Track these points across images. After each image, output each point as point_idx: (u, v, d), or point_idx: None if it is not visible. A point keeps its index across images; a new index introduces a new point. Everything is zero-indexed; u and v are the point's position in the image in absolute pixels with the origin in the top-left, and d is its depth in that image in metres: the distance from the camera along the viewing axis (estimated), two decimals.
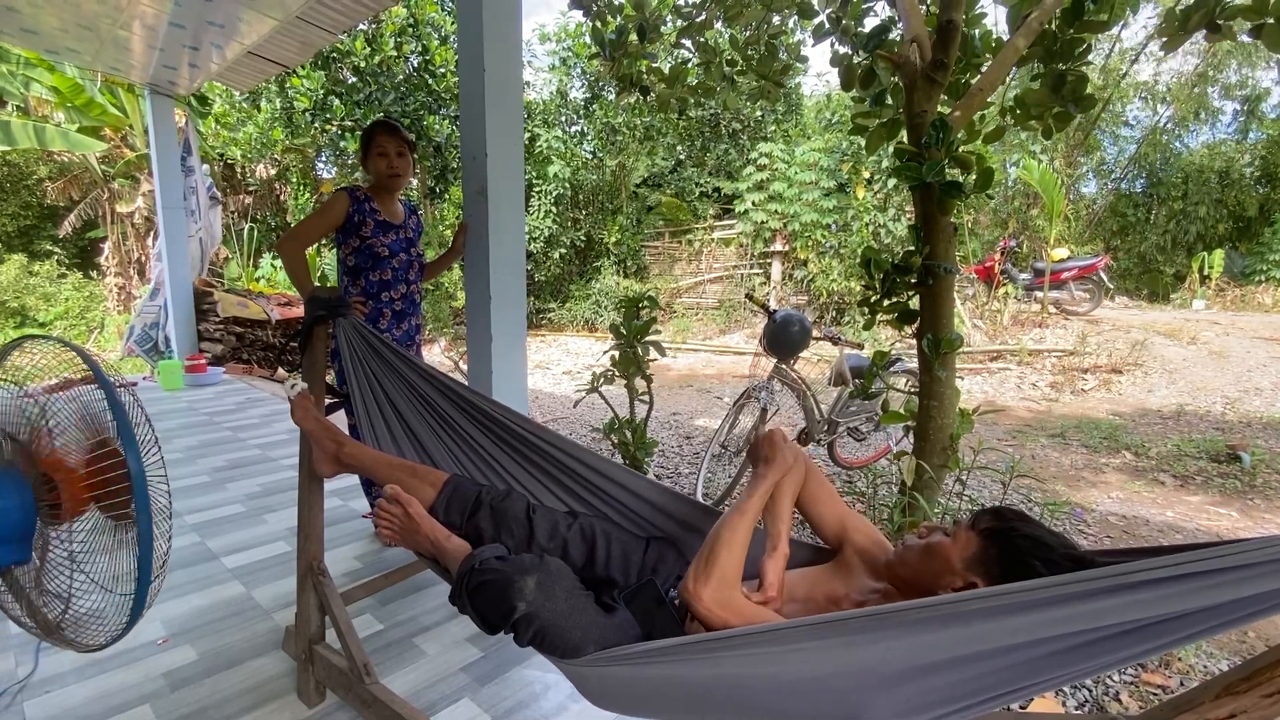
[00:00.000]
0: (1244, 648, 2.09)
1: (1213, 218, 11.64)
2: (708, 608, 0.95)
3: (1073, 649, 0.72)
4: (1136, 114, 12.40)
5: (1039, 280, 8.20)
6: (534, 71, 12.34)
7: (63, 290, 12.05)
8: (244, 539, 2.53)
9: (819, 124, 10.90)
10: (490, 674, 1.73)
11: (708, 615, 0.95)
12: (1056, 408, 5.67)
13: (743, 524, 1.05)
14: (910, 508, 2.31)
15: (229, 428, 4.16)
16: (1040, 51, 2.37)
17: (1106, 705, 1.76)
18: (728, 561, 0.99)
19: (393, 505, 1.31)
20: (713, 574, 0.97)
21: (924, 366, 2.38)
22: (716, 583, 0.97)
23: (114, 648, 1.80)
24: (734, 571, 0.99)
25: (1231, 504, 3.42)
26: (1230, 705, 0.72)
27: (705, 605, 0.95)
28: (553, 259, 11.65)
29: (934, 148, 2.17)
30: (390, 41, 9.75)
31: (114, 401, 1.20)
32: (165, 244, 5.67)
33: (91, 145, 8.38)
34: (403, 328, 2.39)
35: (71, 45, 4.42)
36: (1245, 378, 5.94)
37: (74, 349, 1.29)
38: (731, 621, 0.94)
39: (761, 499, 1.12)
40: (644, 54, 3.15)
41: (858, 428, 3.71)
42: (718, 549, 1.00)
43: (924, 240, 2.29)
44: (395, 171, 2.27)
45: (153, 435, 1.26)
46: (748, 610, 0.96)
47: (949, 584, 0.99)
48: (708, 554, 1.00)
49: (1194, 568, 0.66)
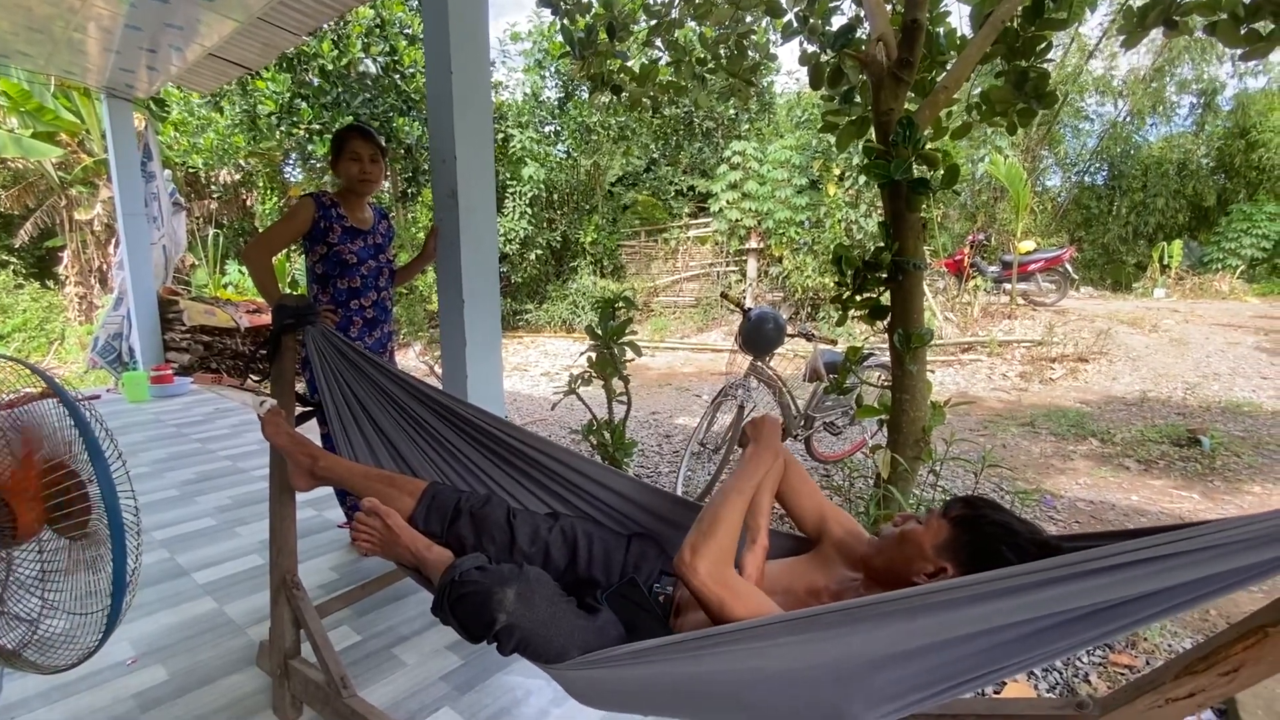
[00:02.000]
0: (1206, 626, 2.16)
1: (1172, 208, 12.02)
2: (703, 581, 0.94)
3: (1040, 632, 0.74)
4: (1096, 108, 12.74)
5: (1007, 273, 8.38)
6: (508, 72, 12.27)
7: (20, 301, 11.63)
8: (215, 553, 2.47)
9: (791, 122, 11.00)
10: (471, 681, 1.71)
11: (702, 588, 0.94)
12: (1026, 397, 5.80)
13: (739, 501, 1.05)
14: (885, 500, 2.35)
15: (198, 439, 4.06)
16: (1003, 49, 2.42)
17: (1076, 687, 1.81)
18: (724, 536, 0.99)
19: (371, 518, 1.29)
20: (709, 548, 0.97)
21: (896, 361, 2.41)
22: (713, 556, 0.96)
23: (81, 670, 1.75)
24: (729, 547, 0.99)
25: (1193, 487, 3.53)
26: (1190, 684, 0.75)
27: (700, 579, 0.94)
28: (529, 260, 11.58)
29: (901, 145, 2.20)
30: (358, 43, 9.59)
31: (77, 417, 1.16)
32: (127, 252, 5.51)
33: (46, 151, 8.12)
34: (374, 335, 2.35)
35: (23, 49, 4.27)
36: (1204, 363, 6.15)
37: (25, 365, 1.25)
38: (725, 596, 0.93)
39: (755, 478, 1.13)
40: (615, 53, 3.15)
41: (833, 423, 3.75)
42: (715, 525, 1.00)
43: (893, 237, 2.32)
44: (367, 177, 2.24)
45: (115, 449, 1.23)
46: (741, 586, 0.96)
47: (921, 569, 1.02)
48: (704, 528, 1.00)
49: (1152, 552, 0.69)
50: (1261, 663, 0.70)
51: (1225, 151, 11.97)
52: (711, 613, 0.95)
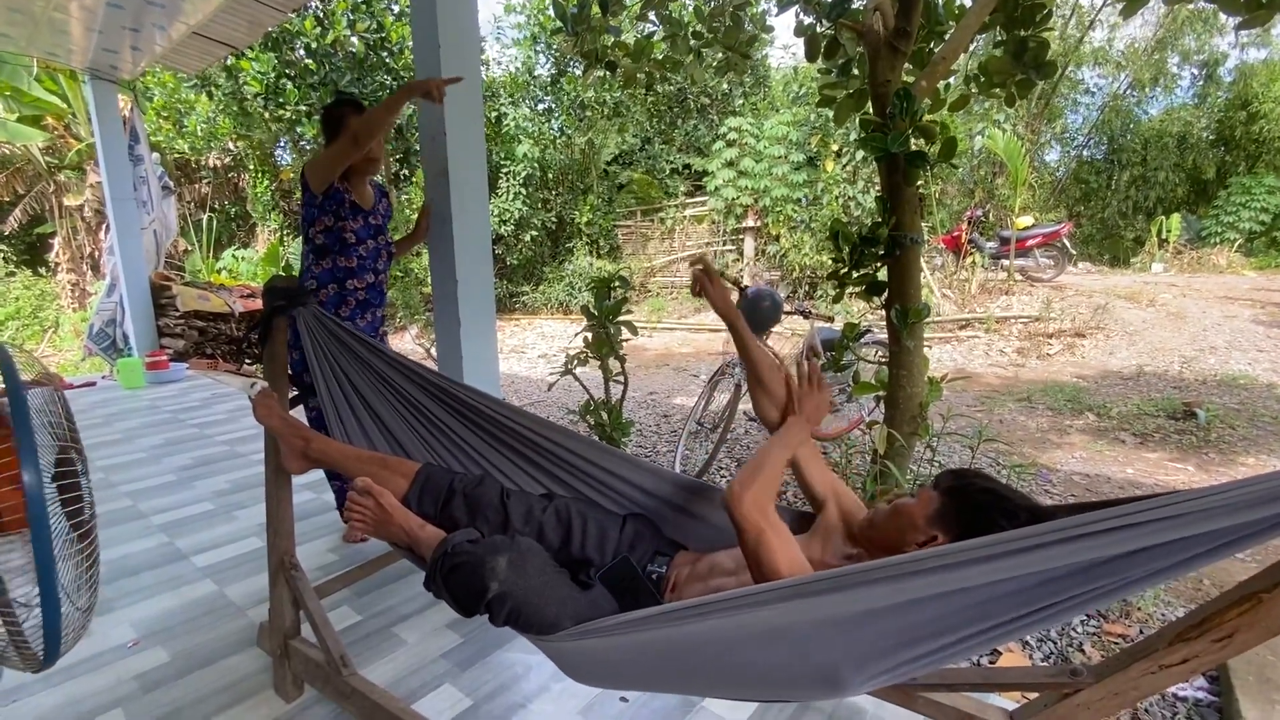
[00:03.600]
0: (1200, 595, 2.18)
1: (1171, 182, 11.95)
2: (748, 510, 1.01)
3: (1030, 589, 0.74)
4: (1097, 81, 12.60)
5: (1005, 249, 8.34)
6: (500, 48, 12.04)
7: (12, 289, 11.55)
8: (214, 537, 2.48)
9: (787, 97, 10.86)
10: (471, 659, 1.73)
11: (747, 515, 1.01)
12: (1023, 373, 5.81)
13: (784, 455, 1.17)
14: (882, 476, 2.35)
15: (194, 424, 4.05)
16: (1001, 18, 2.37)
17: (1070, 656, 1.83)
18: (769, 476, 1.08)
19: (364, 498, 1.29)
20: (756, 482, 1.04)
21: (893, 337, 2.41)
22: (758, 489, 1.04)
23: (82, 652, 1.77)
24: (771, 491, 1.07)
25: (1189, 459, 3.55)
26: (1183, 650, 0.75)
27: (746, 508, 1.01)
28: (524, 241, 11.48)
29: (899, 118, 2.17)
30: (343, 20, 9.39)
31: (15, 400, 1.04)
32: (117, 237, 5.45)
33: (32, 135, 8.00)
34: (367, 318, 2.31)
35: (2, 29, 4.17)
36: (1201, 337, 6.15)
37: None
38: (764, 526, 1.00)
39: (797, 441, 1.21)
40: (608, 28, 3.08)
41: (831, 400, 3.75)
42: (760, 468, 1.08)
43: (891, 211, 2.30)
44: (372, 155, 2.14)
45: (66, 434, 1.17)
46: (780, 524, 1.02)
47: (913, 539, 1.04)
48: (753, 467, 1.08)
49: (1142, 516, 0.69)
50: (1255, 628, 0.70)
51: (1226, 124, 11.87)
52: (748, 543, 1.00)
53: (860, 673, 0.83)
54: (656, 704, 1.56)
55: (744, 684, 0.97)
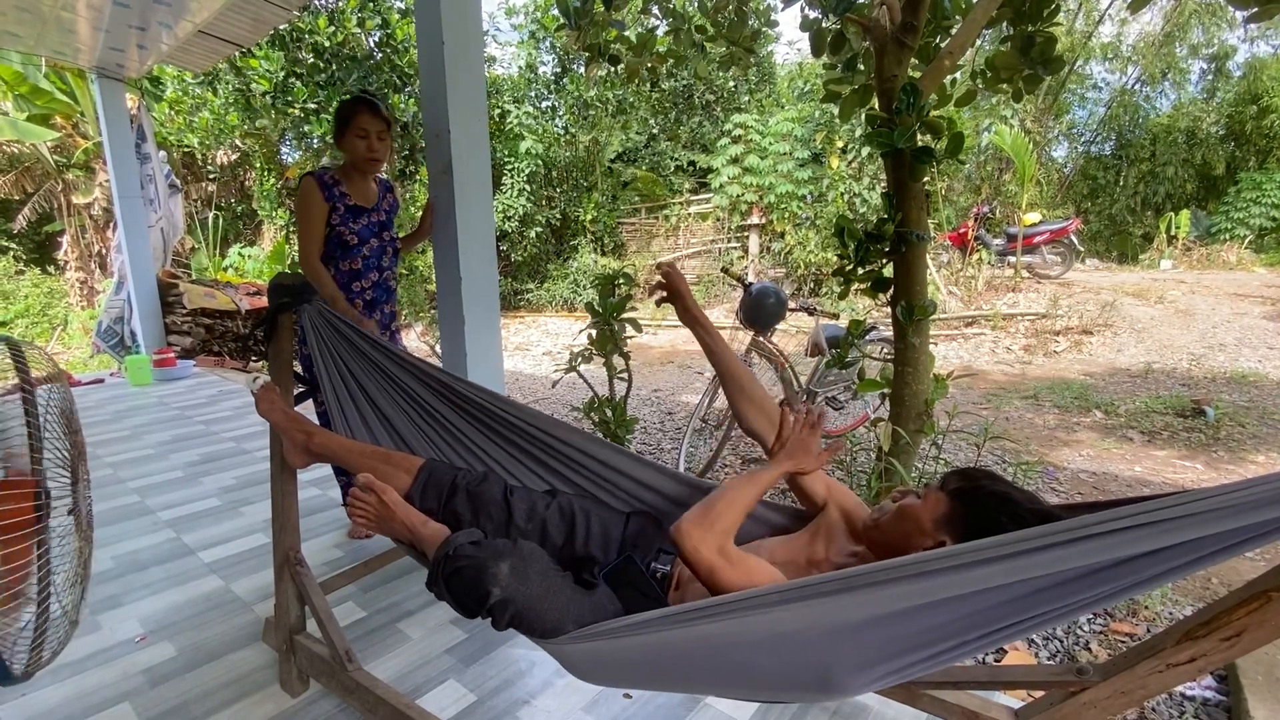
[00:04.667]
0: (1208, 594, 2.17)
1: (1181, 177, 11.84)
2: (694, 544, 0.96)
3: (1037, 593, 0.74)
4: (1105, 76, 12.49)
5: (1012, 245, 8.28)
6: (500, 47, 12.04)
7: (21, 287, 11.63)
8: (221, 533, 2.49)
9: (792, 93, 10.82)
10: (475, 654, 1.73)
11: (692, 553, 0.96)
12: (1030, 370, 5.78)
13: (751, 491, 1.06)
14: (887, 473, 2.34)
15: (201, 421, 4.08)
16: (1009, 13, 2.35)
17: (1077, 655, 1.82)
18: (727, 512, 1.01)
19: (367, 494, 1.29)
20: (709, 518, 0.99)
21: (898, 334, 2.39)
22: (710, 524, 0.98)
23: (90, 646, 1.78)
24: (727, 521, 1.00)
25: (1197, 457, 3.53)
26: (1190, 649, 0.74)
27: (692, 542, 0.96)
28: (529, 239, 11.48)
29: (905, 113, 2.15)
30: (353, 19, 9.40)
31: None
32: (124, 235, 5.48)
33: (42, 134, 8.05)
34: (375, 317, 2.33)
35: (11, 29, 4.19)
36: (1209, 334, 6.10)
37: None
38: (713, 563, 0.95)
39: (772, 482, 1.13)
40: (611, 22, 3.07)
41: (835, 397, 3.74)
42: (721, 501, 1.02)
43: (896, 207, 2.28)
44: (374, 155, 2.17)
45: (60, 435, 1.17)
46: (734, 554, 0.97)
47: (920, 544, 1.02)
48: (710, 502, 1.02)
49: (1150, 516, 0.68)
50: (1264, 627, 0.69)
51: (1235, 119, 11.75)
52: (701, 578, 0.96)
53: (867, 674, 0.83)
54: (661, 700, 1.56)
55: (750, 685, 0.96)
